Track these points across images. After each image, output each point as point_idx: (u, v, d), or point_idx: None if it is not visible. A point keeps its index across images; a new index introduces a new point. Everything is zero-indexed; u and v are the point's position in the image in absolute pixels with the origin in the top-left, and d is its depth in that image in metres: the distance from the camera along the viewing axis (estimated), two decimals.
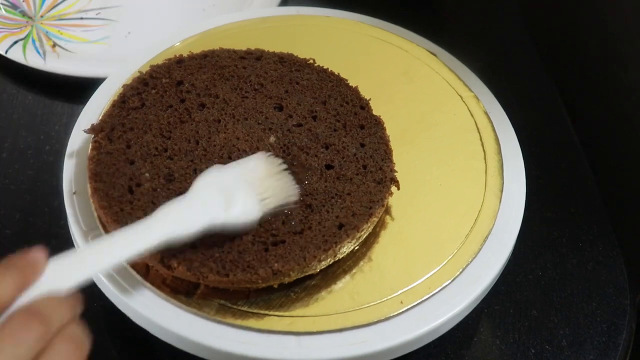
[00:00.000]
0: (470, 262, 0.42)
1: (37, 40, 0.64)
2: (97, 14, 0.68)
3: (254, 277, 0.38)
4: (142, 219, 0.37)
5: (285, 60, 0.50)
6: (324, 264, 0.40)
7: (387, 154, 0.44)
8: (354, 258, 0.41)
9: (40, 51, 0.62)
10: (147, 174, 0.42)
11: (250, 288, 0.39)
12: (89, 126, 0.45)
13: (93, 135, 0.44)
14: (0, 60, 0.62)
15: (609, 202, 0.55)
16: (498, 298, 0.48)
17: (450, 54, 0.54)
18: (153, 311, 0.39)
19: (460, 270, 0.41)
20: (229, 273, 0.38)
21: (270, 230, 0.40)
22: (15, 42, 0.63)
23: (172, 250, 0.38)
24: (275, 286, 0.39)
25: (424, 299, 0.40)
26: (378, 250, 0.42)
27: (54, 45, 0.63)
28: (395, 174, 0.43)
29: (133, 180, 0.42)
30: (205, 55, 0.49)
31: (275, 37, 0.54)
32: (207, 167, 0.42)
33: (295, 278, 0.39)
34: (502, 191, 0.45)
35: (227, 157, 0.43)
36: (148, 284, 0.40)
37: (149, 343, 0.41)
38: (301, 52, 0.50)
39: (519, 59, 0.68)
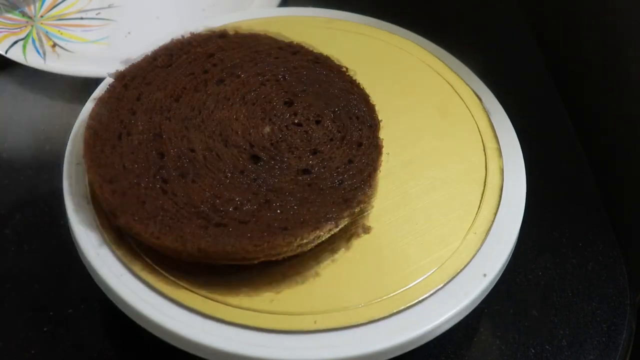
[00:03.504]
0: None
1: (37, 40, 0.64)
2: (97, 14, 0.68)
3: (179, 248, 0.38)
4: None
5: (320, 62, 0.50)
6: (252, 258, 0.39)
7: (369, 177, 0.42)
8: (303, 266, 0.41)
9: (40, 51, 0.62)
10: (140, 127, 0.44)
11: (180, 259, 0.39)
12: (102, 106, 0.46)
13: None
14: (0, 60, 0.62)
15: (609, 202, 0.55)
16: (498, 298, 0.48)
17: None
18: (89, 246, 0.41)
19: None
20: (160, 237, 0.38)
21: (220, 212, 0.40)
22: (15, 42, 0.63)
23: (122, 201, 0.40)
24: (202, 265, 0.39)
25: (345, 325, 0.38)
26: (329, 268, 0.41)
27: (54, 45, 0.63)
28: (367, 199, 0.42)
29: (125, 129, 0.44)
30: (246, 36, 0.51)
31: (328, 39, 0.54)
32: (195, 137, 0.44)
33: (222, 263, 0.39)
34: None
35: (219, 133, 0.44)
36: (99, 225, 0.41)
37: (148, 344, 0.41)
38: (345, 60, 0.50)
39: (519, 59, 0.68)
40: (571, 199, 0.56)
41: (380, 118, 0.46)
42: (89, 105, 0.48)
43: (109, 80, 0.48)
